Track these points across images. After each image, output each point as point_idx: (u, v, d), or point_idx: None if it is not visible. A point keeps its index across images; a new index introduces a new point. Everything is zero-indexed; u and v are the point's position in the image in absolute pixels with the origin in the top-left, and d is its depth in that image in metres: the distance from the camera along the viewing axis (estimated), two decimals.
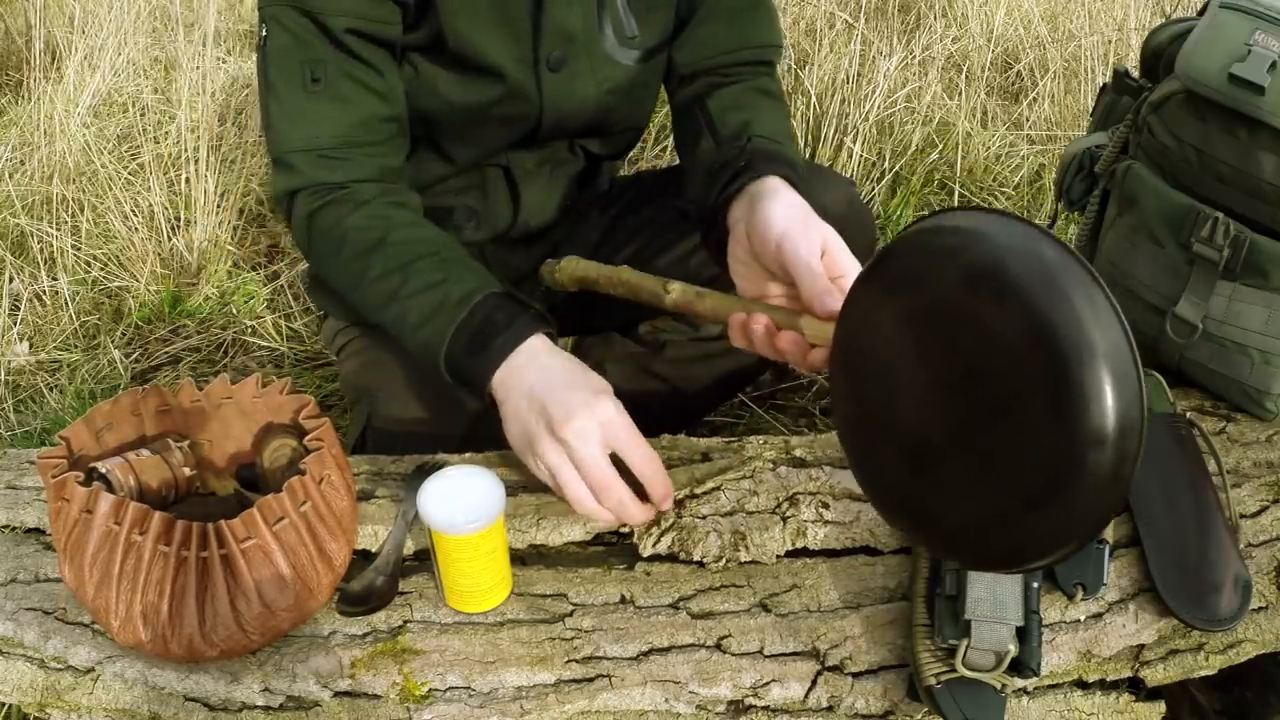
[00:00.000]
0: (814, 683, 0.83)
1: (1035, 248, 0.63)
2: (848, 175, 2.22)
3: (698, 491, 0.94)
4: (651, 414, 0.96)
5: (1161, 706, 0.86)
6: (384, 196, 1.00)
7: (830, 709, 0.83)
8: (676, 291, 0.94)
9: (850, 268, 0.87)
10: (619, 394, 0.89)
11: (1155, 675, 0.86)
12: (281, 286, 2.04)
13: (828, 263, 0.87)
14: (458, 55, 1.01)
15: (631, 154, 1.54)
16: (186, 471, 0.90)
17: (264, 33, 0.98)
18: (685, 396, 1.38)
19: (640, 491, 0.88)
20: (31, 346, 1.91)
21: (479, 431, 1.10)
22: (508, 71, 1.03)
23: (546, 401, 0.86)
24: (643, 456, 0.88)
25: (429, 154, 1.11)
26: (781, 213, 0.91)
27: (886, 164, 2.21)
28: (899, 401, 0.72)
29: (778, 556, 0.91)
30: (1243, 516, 0.94)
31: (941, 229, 0.69)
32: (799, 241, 0.87)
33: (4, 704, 0.88)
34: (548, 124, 1.09)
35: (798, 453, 0.99)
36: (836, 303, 0.80)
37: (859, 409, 0.76)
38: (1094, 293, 0.61)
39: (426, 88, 1.03)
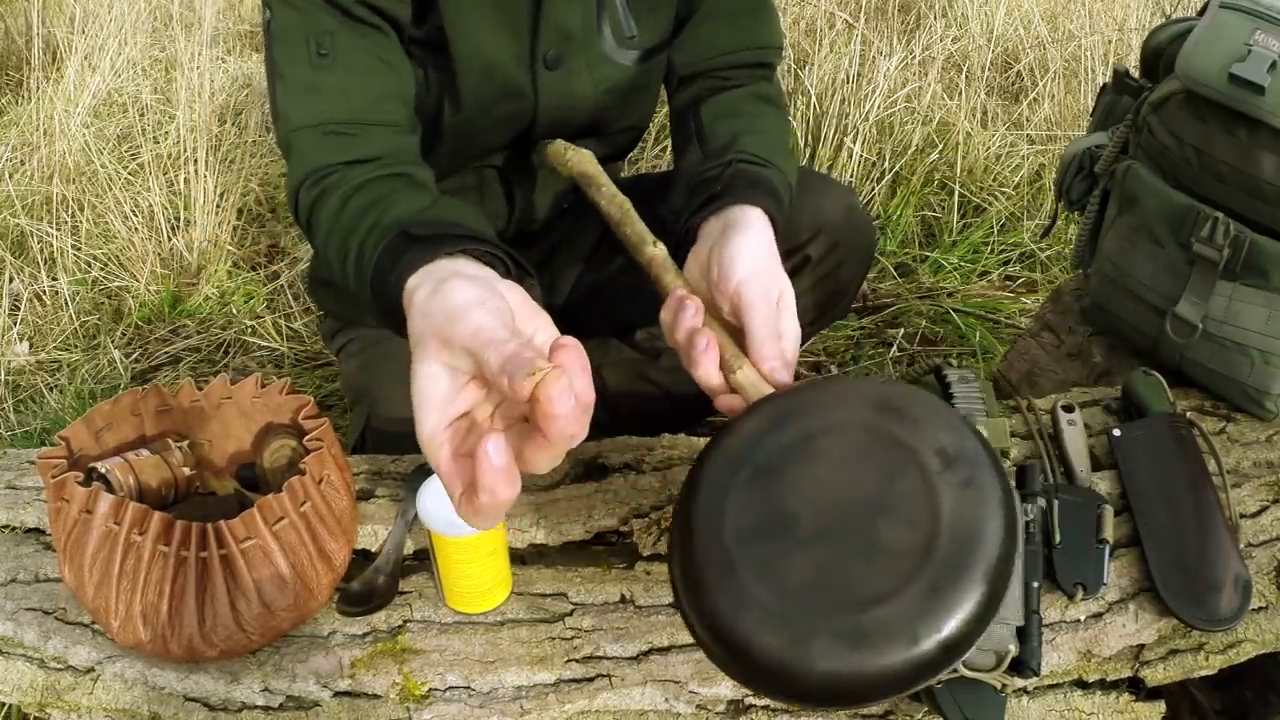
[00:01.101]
0: None
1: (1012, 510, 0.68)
2: (848, 176, 2.22)
3: None
4: (648, 418, 0.95)
5: (1161, 706, 0.86)
6: (382, 170, 0.92)
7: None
8: (660, 255, 0.88)
9: (790, 331, 0.83)
10: (616, 398, 0.87)
11: (1155, 675, 0.86)
12: (281, 286, 2.04)
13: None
14: (455, 51, 1.00)
15: (632, 154, 1.54)
16: (186, 471, 0.90)
17: (268, 14, 0.94)
18: (682, 402, 1.37)
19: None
20: (31, 346, 1.92)
21: None
22: (504, 68, 1.02)
23: None
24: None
25: (429, 157, 1.11)
26: (747, 256, 0.86)
27: (886, 164, 2.21)
28: (797, 475, 0.71)
29: None
30: (1243, 516, 0.94)
31: (954, 411, 0.74)
32: (759, 294, 0.82)
33: (4, 704, 0.88)
34: (543, 123, 1.08)
35: None
36: (784, 377, 0.79)
37: (745, 455, 0.74)
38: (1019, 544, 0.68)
39: (422, 84, 1.02)
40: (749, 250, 0.87)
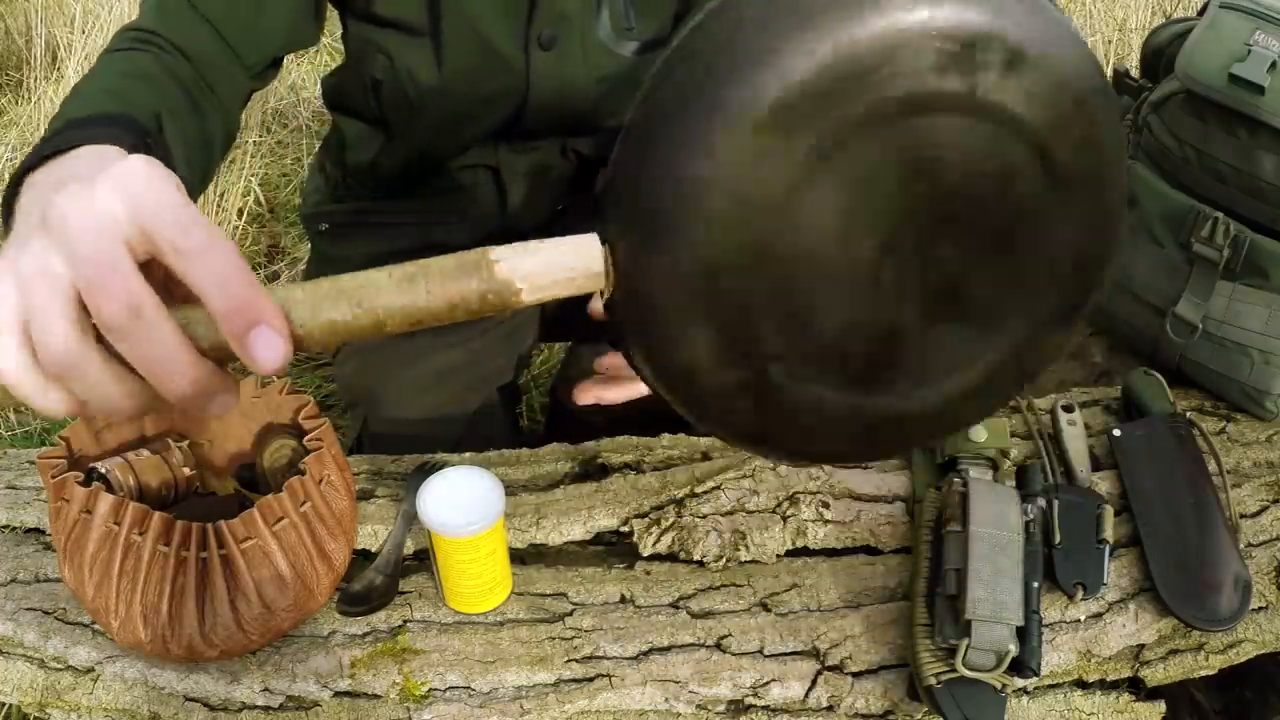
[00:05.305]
0: (814, 682, 0.83)
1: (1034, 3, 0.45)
2: None
3: (698, 490, 0.94)
4: (649, 420, 0.95)
5: (1161, 706, 0.86)
6: (180, 71, 0.83)
7: (830, 709, 0.83)
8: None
9: None
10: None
11: (1155, 675, 0.86)
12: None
13: None
14: (449, 27, 0.99)
15: None
16: (186, 471, 0.90)
17: None
18: None
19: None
20: None
21: (477, 434, 1.10)
22: (496, 45, 1.01)
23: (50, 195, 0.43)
24: (179, 227, 0.40)
25: (414, 149, 1.10)
26: None
27: None
28: (817, 312, 0.47)
29: (778, 556, 0.91)
30: (1243, 516, 0.94)
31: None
32: None
33: (4, 704, 0.88)
34: (534, 106, 1.07)
35: None
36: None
37: (732, 358, 0.48)
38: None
39: (415, 65, 1.01)
40: None
